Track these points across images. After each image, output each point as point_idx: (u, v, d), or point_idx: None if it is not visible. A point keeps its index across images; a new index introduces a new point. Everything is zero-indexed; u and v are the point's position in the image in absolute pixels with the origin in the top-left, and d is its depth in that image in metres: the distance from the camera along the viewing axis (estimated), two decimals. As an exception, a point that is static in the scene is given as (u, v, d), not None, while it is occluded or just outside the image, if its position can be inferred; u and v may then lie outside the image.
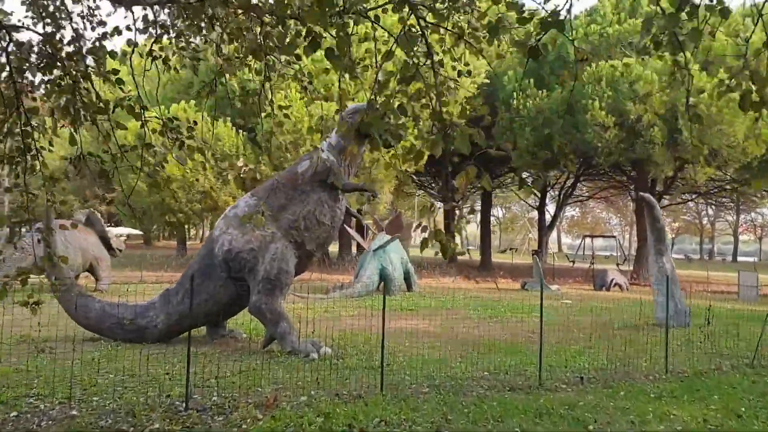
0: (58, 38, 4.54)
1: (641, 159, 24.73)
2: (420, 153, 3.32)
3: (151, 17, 5.23)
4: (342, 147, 9.51)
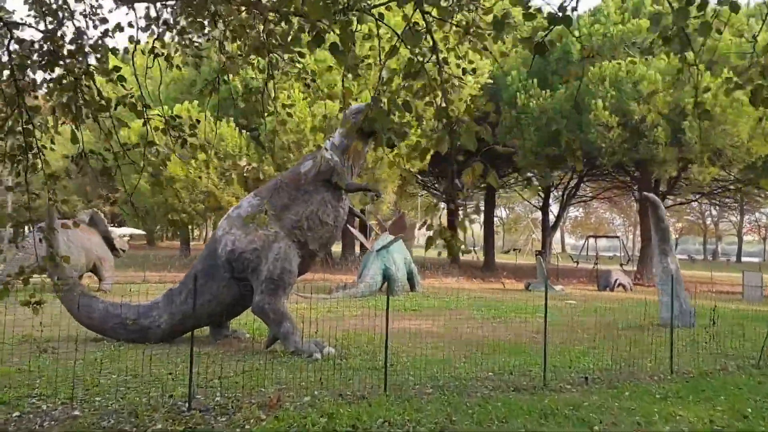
0: (59, 35, 4.51)
1: (645, 159, 24.66)
2: (425, 149, 3.29)
3: (153, 14, 5.21)
4: (345, 147, 9.50)
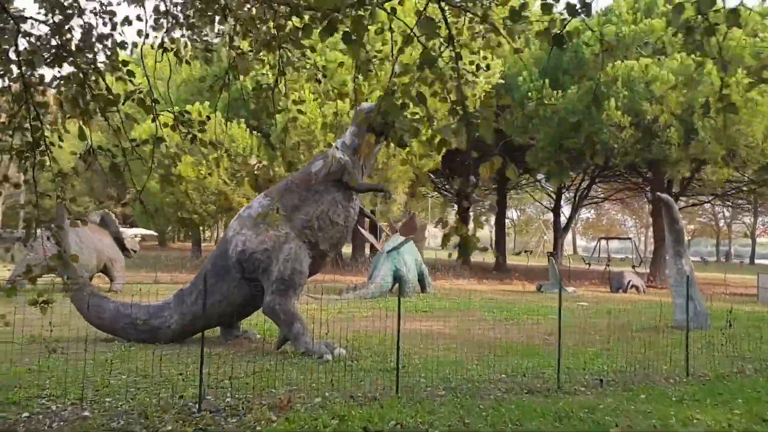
0: (67, 28, 4.47)
1: (657, 160, 24.44)
2: (442, 142, 3.21)
3: (163, 8, 5.15)
4: (356, 146, 9.43)
